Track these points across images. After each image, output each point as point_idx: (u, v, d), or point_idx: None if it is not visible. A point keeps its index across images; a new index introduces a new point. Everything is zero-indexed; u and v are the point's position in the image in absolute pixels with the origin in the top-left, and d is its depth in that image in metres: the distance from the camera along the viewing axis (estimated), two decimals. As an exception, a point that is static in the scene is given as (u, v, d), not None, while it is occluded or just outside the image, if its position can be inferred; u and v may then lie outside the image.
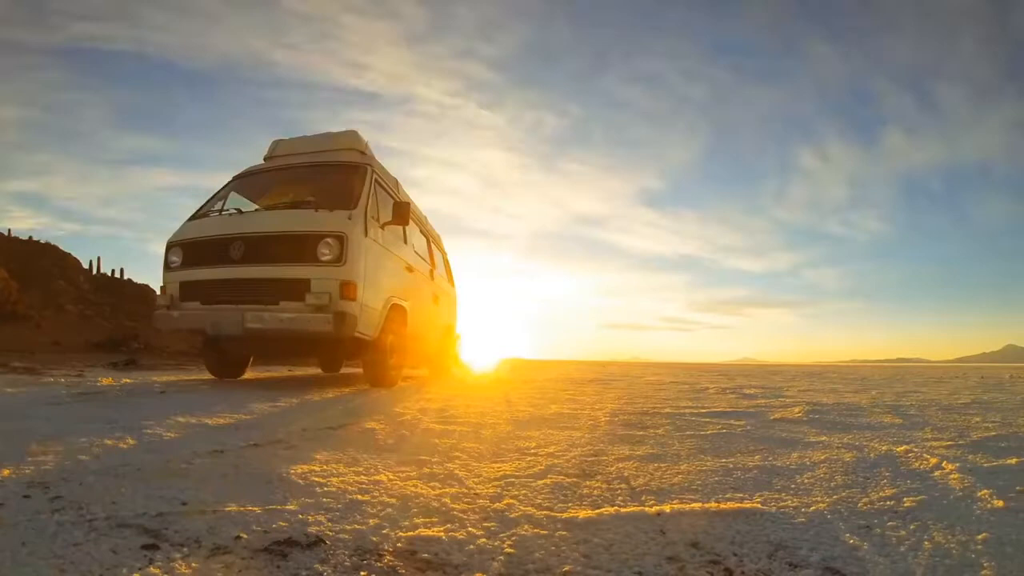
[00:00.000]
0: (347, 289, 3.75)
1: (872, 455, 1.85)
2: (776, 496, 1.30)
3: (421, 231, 5.86)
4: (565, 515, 1.11)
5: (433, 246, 6.33)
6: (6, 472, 1.27)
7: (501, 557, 0.89)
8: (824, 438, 2.21)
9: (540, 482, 1.38)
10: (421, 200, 7.16)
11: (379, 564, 0.84)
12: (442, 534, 0.97)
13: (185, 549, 0.87)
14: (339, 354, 6.39)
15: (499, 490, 1.29)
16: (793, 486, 1.41)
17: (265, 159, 5.02)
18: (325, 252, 3.78)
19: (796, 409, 3.29)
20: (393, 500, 1.18)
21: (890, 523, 1.11)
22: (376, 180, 4.44)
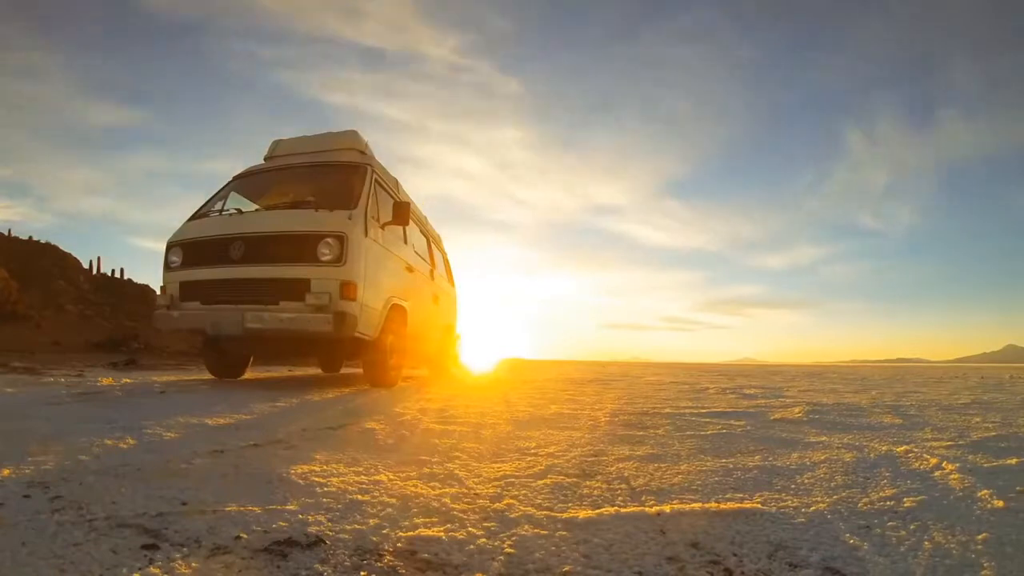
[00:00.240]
0: (347, 289, 3.75)
1: (872, 455, 1.85)
2: (776, 496, 1.30)
3: (421, 231, 5.87)
4: (565, 515, 1.11)
5: (433, 246, 6.34)
6: (6, 472, 1.27)
7: (501, 557, 0.89)
8: (824, 438, 2.21)
9: (540, 482, 1.38)
10: (421, 186, 7.21)
11: (379, 564, 0.84)
12: (442, 534, 0.97)
13: (185, 549, 0.87)
14: (339, 354, 6.39)
15: (499, 490, 1.29)
16: (793, 486, 1.41)
17: (265, 159, 5.03)
18: (325, 252, 3.78)
19: (796, 409, 3.29)
20: (393, 500, 1.18)
21: (890, 523, 1.11)
22: (376, 180, 4.44)
